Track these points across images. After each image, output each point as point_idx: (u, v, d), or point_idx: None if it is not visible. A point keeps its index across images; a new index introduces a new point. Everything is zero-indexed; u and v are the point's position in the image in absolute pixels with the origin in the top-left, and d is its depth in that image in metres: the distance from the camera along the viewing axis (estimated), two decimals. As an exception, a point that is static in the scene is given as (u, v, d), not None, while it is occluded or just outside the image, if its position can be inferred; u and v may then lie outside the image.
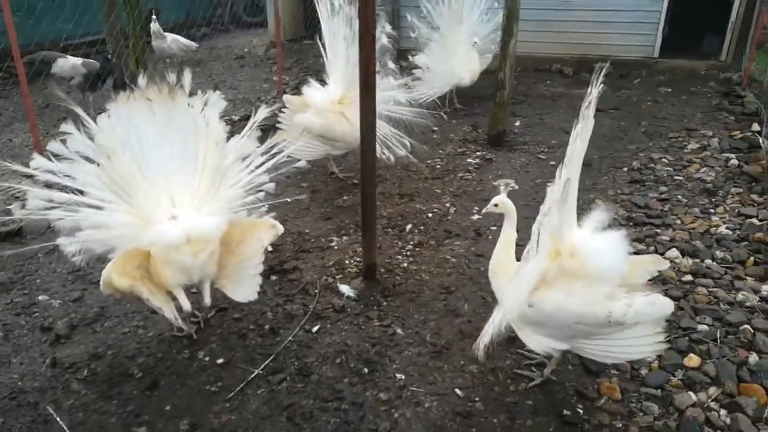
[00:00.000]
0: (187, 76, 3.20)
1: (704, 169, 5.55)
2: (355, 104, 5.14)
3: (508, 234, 2.93)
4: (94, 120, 3.04)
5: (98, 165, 3.03)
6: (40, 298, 3.82)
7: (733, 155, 5.78)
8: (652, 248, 4.23)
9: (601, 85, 2.52)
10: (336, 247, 4.43)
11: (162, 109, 3.09)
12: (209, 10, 13.36)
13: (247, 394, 3.00)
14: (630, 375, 3.10)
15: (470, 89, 7.89)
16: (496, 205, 2.95)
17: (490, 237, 4.50)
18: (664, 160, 5.81)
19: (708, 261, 4.05)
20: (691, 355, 3.18)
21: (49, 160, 3.01)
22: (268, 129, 3.68)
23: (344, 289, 3.85)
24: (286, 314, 3.63)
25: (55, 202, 3.03)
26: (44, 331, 3.49)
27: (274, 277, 4.04)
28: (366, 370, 3.15)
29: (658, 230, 4.48)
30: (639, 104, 7.65)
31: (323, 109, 5.18)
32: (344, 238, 4.57)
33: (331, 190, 5.47)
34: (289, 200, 4.56)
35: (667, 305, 2.63)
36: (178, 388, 3.05)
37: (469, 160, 6.05)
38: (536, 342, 2.75)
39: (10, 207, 4.57)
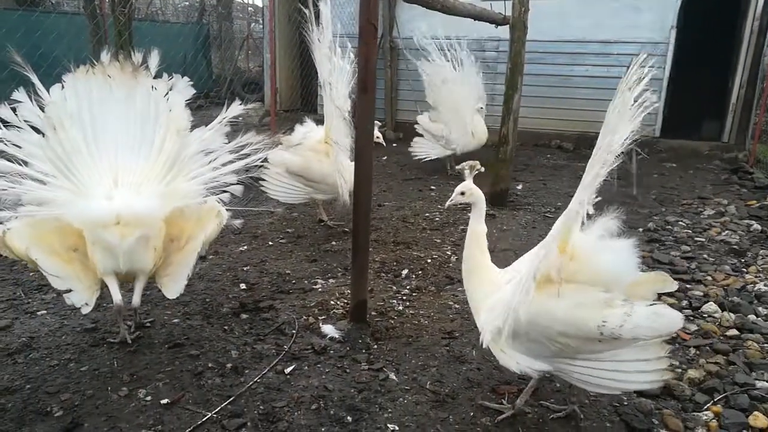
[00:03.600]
0: (155, 58, 2.92)
1: (726, 232, 5.10)
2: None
3: (479, 228, 2.50)
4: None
5: (43, 136, 2.71)
6: (-42, 325, 3.16)
7: (754, 222, 5.35)
8: (684, 302, 3.68)
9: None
10: (320, 290, 3.83)
11: (122, 87, 2.80)
12: (208, 84, 13.42)
13: (193, 441, 2.31)
14: (684, 435, 2.45)
15: (469, 156, 7.58)
16: (462, 194, 2.52)
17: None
18: (681, 223, 5.37)
19: (752, 317, 3.49)
20: (757, 413, 2.55)
21: None
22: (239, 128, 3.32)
23: (327, 329, 3.22)
24: (254, 354, 2.98)
25: (0, 171, 2.71)
26: (-48, 360, 2.82)
27: (244, 316, 3.40)
28: (350, 418, 2.49)
29: (688, 285, 3.94)
30: (645, 176, 7.34)
31: (303, 147, 4.78)
32: (330, 281, 3.98)
33: (318, 236, 4.94)
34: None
35: (675, 319, 2.12)
36: (106, 430, 2.36)
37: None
38: (513, 360, 2.26)
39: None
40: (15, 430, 2.34)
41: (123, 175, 2.76)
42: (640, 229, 5.19)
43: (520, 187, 6.66)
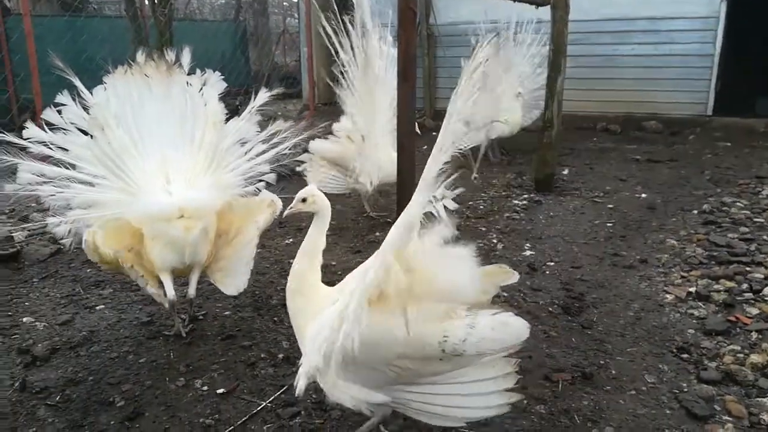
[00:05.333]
0: (187, 56, 2.98)
1: (787, 211, 4.86)
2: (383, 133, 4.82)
3: (316, 239, 2.12)
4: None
5: (91, 137, 2.76)
6: (24, 320, 3.30)
7: (817, 200, 5.09)
8: (745, 285, 3.52)
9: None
10: (367, 280, 3.84)
11: (159, 85, 2.87)
12: (246, 80, 13.58)
13: (250, 430, 2.36)
14: (749, 422, 2.36)
15: (513, 143, 7.48)
16: (304, 200, 2.11)
17: (547, 272, 3.86)
18: (738, 204, 5.15)
19: (819, 299, 3.32)
20: (829, 400, 2.42)
21: (43, 129, 2.76)
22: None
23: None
24: (305, 344, 3.02)
25: (47, 177, 2.75)
26: (20, 353, 2.96)
27: (294, 307, 3.44)
28: (401, 407, 2.48)
29: (747, 268, 3.77)
30: (698, 156, 7.08)
31: (341, 136, 4.82)
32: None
33: (361, 227, 4.96)
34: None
35: (521, 328, 1.90)
36: (165, 420, 2.43)
37: (516, 201, 5.50)
38: (347, 394, 1.90)
39: (12, 233, 4.22)
40: (81, 420, 2.44)
41: (172, 171, 2.82)
42: (695, 211, 5.01)
43: (566, 171, 6.52)
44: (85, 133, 2.82)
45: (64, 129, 2.80)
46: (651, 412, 2.43)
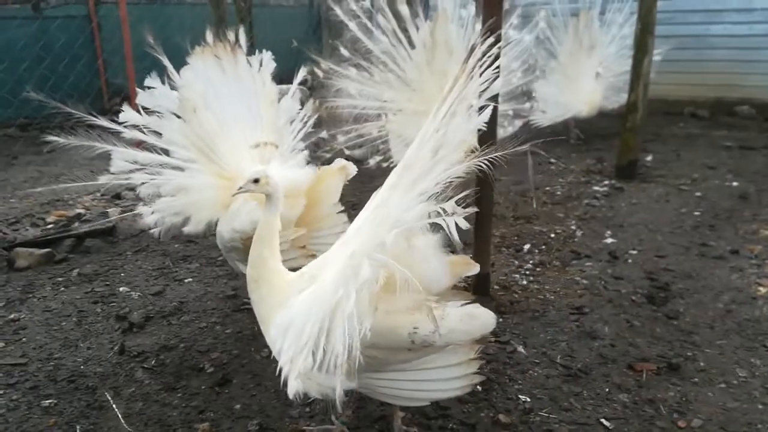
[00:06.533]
0: (243, 36, 3.01)
1: None
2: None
3: (270, 223, 2.01)
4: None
5: (184, 121, 2.80)
6: (120, 289, 3.53)
7: None
8: None
9: None
10: (442, 263, 3.84)
11: (230, 66, 2.90)
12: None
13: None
14: None
15: (592, 126, 7.22)
16: (256, 181, 1.99)
17: (629, 261, 3.73)
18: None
19: None
20: None
21: (139, 113, 2.82)
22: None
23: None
24: (382, 322, 3.07)
25: (140, 164, 2.80)
26: (118, 319, 3.17)
27: (370, 286, 3.51)
28: (479, 387, 2.49)
29: None
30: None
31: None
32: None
33: (437, 211, 4.95)
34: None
35: (488, 319, 1.92)
36: (252, 387, 2.55)
37: (596, 188, 5.32)
38: (314, 382, 1.79)
39: (107, 210, 4.49)
40: (174, 383, 2.60)
41: (251, 151, 2.83)
42: (793, 202, 4.69)
43: (649, 158, 6.23)
44: (176, 116, 2.87)
45: (159, 113, 2.85)
46: (742, 407, 2.33)
